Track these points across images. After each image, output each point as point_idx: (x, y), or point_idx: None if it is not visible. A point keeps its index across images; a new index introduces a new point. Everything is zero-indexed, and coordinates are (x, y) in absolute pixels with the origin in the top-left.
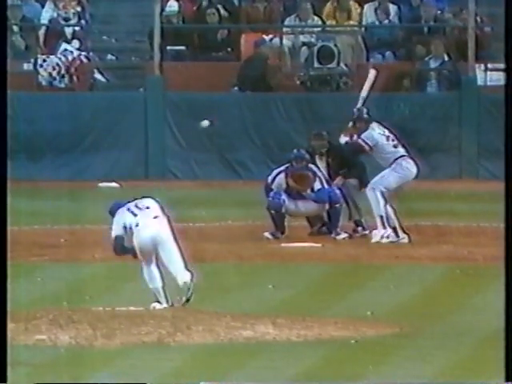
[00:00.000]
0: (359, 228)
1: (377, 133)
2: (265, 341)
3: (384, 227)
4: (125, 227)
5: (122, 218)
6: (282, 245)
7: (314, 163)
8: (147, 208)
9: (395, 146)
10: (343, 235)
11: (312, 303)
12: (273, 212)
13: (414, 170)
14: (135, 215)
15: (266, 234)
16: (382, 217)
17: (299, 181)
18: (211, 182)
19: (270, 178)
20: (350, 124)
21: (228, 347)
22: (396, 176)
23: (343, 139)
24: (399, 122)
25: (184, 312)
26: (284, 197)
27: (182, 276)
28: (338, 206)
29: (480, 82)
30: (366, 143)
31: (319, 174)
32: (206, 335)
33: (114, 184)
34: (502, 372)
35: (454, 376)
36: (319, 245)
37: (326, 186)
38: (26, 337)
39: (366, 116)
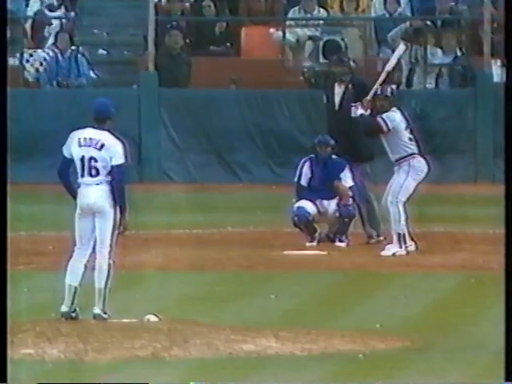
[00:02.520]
0: (374, 233)
1: (398, 117)
2: (267, 355)
3: (400, 246)
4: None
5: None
6: (285, 252)
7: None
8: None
9: (410, 139)
10: (343, 243)
11: (317, 315)
12: (302, 227)
13: (425, 169)
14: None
15: (308, 244)
16: (400, 234)
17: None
18: (209, 185)
19: (296, 176)
20: (369, 97)
21: (227, 362)
22: (413, 181)
23: (359, 111)
24: (410, 120)
25: (181, 324)
26: (308, 208)
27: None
28: (347, 220)
29: (496, 78)
30: (386, 124)
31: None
32: (204, 349)
33: None
34: None
35: None
36: (325, 252)
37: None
38: (11, 351)
39: (389, 94)
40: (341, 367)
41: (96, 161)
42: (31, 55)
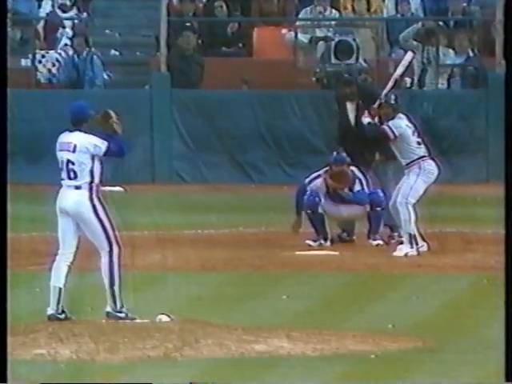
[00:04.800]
0: (395, 234)
1: (404, 123)
2: (279, 355)
3: (411, 246)
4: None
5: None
6: (297, 253)
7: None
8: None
9: (419, 143)
10: (378, 241)
11: (329, 315)
12: (309, 212)
13: (436, 172)
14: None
15: (308, 241)
16: (411, 235)
17: (337, 178)
18: (221, 186)
19: (306, 180)
20: (376, 105)
21: (239, 362)
22: (423, 184)
23: (365, 119)
24: (421, 121)
25: (192, 325)
26: (321, 196)
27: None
28: (379, 209)
29: None
30: (392, 131)
31: (359, 175)
32: (216, 349)
33: (117, 188)
34: None
35: None
36: (336, 253)
37: (366, 188)
38: (23, 351)
39: (393, 102)
40: (352, 367)
41: (73, 163)
42: (43, 56)
